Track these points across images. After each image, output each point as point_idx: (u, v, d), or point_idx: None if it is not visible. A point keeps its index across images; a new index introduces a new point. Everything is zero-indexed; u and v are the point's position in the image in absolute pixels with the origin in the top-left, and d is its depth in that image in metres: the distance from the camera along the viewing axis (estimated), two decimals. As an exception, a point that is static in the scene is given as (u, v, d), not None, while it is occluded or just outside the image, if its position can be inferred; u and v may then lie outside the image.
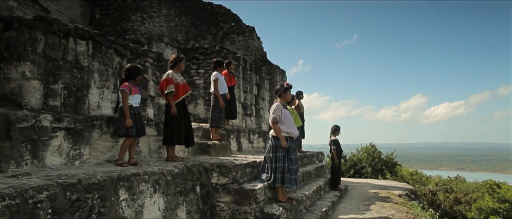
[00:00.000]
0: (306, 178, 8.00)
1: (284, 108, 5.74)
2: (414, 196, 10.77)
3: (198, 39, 14.49)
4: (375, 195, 9.29)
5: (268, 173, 5.56)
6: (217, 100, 7.53)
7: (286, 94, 5.88)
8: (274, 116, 5.59)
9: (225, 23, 15.54)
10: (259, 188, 5.08)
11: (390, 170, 22.27)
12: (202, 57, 10.00)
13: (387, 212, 6.99)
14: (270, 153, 5.62)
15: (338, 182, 9.23)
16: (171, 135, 5.49)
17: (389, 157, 23.07)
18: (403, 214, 7.03)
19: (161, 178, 4.38)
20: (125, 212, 3.76)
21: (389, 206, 7.61)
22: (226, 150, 7.66)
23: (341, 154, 9.47)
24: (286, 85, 5.95)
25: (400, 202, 8.55)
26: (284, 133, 5.62)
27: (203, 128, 7.81)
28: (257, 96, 12.02)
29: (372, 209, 7.27)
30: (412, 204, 8.94)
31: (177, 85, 5.56)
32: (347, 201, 8.35)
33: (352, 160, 22.79)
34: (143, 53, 6.51)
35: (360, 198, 8.82)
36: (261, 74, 12.45)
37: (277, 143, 5.57)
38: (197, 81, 9.97)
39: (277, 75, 14.36)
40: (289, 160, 5.60)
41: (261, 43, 16.18)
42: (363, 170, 21.79)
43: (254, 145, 10.06)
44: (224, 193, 5.13)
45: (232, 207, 5.05)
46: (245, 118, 10.98)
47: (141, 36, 12.33)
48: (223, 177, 5.17)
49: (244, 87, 10.84)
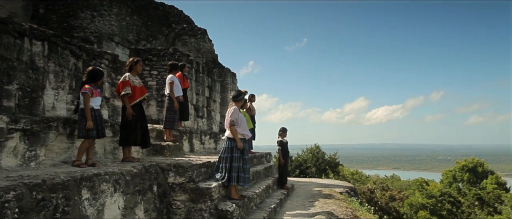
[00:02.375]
0: (256, 177, 8.47)
1: (239, 112, 6.16)
2: (353, 193, 11.70)
3: (150, 40, 14.42)
4: (318, 193, 10.01)
5: (223, 172, 5.94)
6: (172, 103, 7.74)
7: (242, 100, 6.33)
8: (231, 119, 5.98)
9: (177, 24, 15.59)
10: (214, 187, 5.43)
11: (333, 169, 23.59)
12: (155, 59, 10.09)
13: (329, 207, 7.67)
14: (226, 153, 6.00)
15: (285, 181, 9.82)
16: (127, 136, 5.64)
17: (332, 158, 24.43)
18: (343, 209, 7.76)
19: (121, 178, 4.57)
20: (88, 210, 3.92)
21: (331, 202, 8.33)
22: (179, 150, 7.89)
23: (288, 155, 10.10)
24: (243, 92, 6.43)
25: (341, 198, 9.34)
26: (239, 135, 6.03)
27: (157, 129, 7.97)
28: (209, 98, 12.30)
29: (316, 205, 7.92)
30: (351, 200, 9.79)
31: (134, 88, 5.72)
32: (294, 199, 8.96)
33: (298, 161, 23.81)
34: (99, 55, 6.56)
35: (305, 196, 9.48)
36: (212, 77, 12.74)
37: (233, 144, 5.97)
38: (149, 83, 10.04)
39: (228, 78, 14.73)
40: (243, 160, 6.02)
41: (212, 46, 16.45)
42: (308, 170, 22.88)
43: (206, 146, 10.34)
44: (180, 192, 5.41)
45: (188, 205, 5.35)
46: (197, 120, 11.22)
47: (91, 34, 12.06)
48: (179, 176, 5.44)
49: (196, 89, 11.08)
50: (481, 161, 39.66)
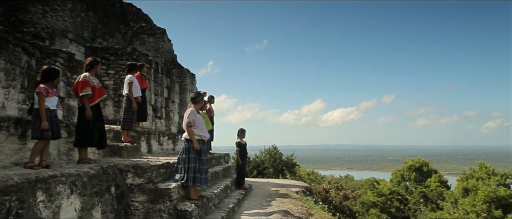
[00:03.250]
0: (215, 177, 8.57)
1: (197, 113, 6.25)
2: (309, 192, 12.13)
3: (106, 38, 14.02)
4: (275, 193, 10.30)
5: (182, 173, 6.00)
6: (130, 103, 7.65)
7: (200, 102, 6.42)
8: (188, 120, 6.06)
9: (135, 23, 15.28)
10: (173, 187, 5.48)
11: (290, 170, 24.14)
12: (113, 58, 9.88)
13: (285, 206, 7.95)
14: (183, 154, 6.06)
15: (243, 181, 10.01)
16: (84, 137, 5.54)
17: (289, 158, 25.00)
18: (299, 207, 8.08)
19: (78, 179, 4.51)
20: (43, 213, 3.85)
21: (287, 201, 8.63)
22: (137, 151, 7.81)
23: (246, 156, 10.30)
24: (202, 93, 6.52)
25: (297, 198, 9.68)
26: (197, 136, 6.12)
27: (114, 130, 7.84)
28: (168, 99, 12.21)
29: (272, 204, 8.18)
30: (307, 199, 10.17)
31: (93, 88, 5.64)
32: (251, 198, 9.16)
33: (256, 161, 24.12)
34: (54, 53, 6.36)
35: (263, 196, 9.72)
36: (172, 78, 12.66)
37: (190, 145, 6.05)
38: (106, 82, 9.81)
39: (187, 79, 14.67)
40: (201, 161, 6.12)
41: (171, 46, 16.30)
42: (266, 170, 23.25)
43: (164, 147, 10.27)
44: (139, 193, 5.41)
45: (146, 206, 5.36)
46: (155, 120, 11.11)
47: (42, 30, 11.53)
48: (138, 177, 5.44)
49: (155, 90, 10.97)
50: (427, 161, 42.30)
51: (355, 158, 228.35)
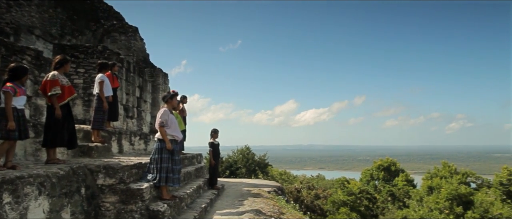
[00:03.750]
0: (187, 178, 8.57)
1: (170, 114, 6.25)
2: (280, 192, 12.31)
3: (76, 35, 13.65)
4: (248, 192, 10.40)
5: (154, 173, 5.98)
6: (101, 103, 7.53)
7: (173, 101, 6.42)
8: (161, 120, 6.05)
9: (106, 20, 14.95)
10: (145, 187, 5.46)
11: (262, 170, 24.34)
12: (83, 56, 9.66)
13: (257, 205, 8.07)
14: (156, 154, 6.05)
15: (215, 181, 10.04)
16: (53, 137, 5.42)
17: (261, 159, 25.19)
18: (271, 207, 8.21)
19: (46, 180, 4.42)
20: (9, 215, 3.76)
21: (260, 201, 8.74)
22: (108, 152, 7.70)
23: (219, 156, 10.35)
24: (172, 92, 6.49)
25: (269, 197, 9.81)
26: (169, 136, 6.12)
27: (84, 130, 7.69)
28: (140, 98, 12.05)
29: (245, 204, 8.27)
30: (278, 198, 10.34)
31: (63, 87, 5.52)
32: (224, 198, 9.22)
33: (228, 162, 24.15)
34: (20, 50, 6.18)
35: (235, 195, 9.79)
36: (144, 77, 12.50)
37: (162, 145, 6.04)
38: (76, 81, 9.58)
39: (159, 78, 14.51)
40: (173, 161, 6.13)
41: (144, 44, 16.06)
42: (238, 170, 23.34)
43: (135, 147, 10.15)
44: (110, 193, 5.35)
45: (118, 206, 5.31)
46: (127, 120, 10.94)
47: (6, 25, 11.08)
48: (109, 178, 5.38)
49: (126, 89, 10.80)
50: (394, 161, 43.72)
51: (327, 158, 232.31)
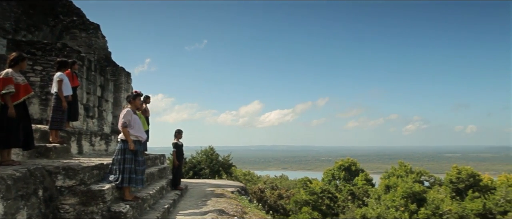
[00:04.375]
0: (150, 179, 8.49)
1: (134, 114, 6.20)
2: (244, 192, 12.46)
3: (32, 30, 13.05)
4: (211, 193, 10.45)
5: (116, 174, 5.91)
6: (60, 102, 7.31)
7: (136, 101, 6.38)
8: (124, 121, 5.99)
9: (66, 16, 14.40)
10: (107, 189, 5.40)
11: (226, 170, 24.39)
12: (40, 53, 9.29)
13: (221, 205, 8.15)
14: (118, 155, 5.98)
15: (178, 182, 10.01)
16: (7, 137, 5.22)
17: (225, 159, 25.23)
18: (234, 206, 8.33)
19: (0, 182, 4.28)
20: (-39, 218, 3.63)
21: (223, 201, 8.84)
22: (67, 153, 7.49)
23: (182, 157, 10.33)
24: (135, 93, 6.45)
25: (232, 197, 9.92)
26: (133, 137, 6.07)
27: (41, 130, 7.42)
28: (101, 98, 11.75)
29: (208, 204, 8.33)
30: (242, 198, 10.48)
31: (18, 86, 5.33)
32: (187, 199, 9.22)
33: (192, 162, 23.99)
34: (-27, 47, 5.88)
35: (198, 196, 9.82)
36: (105, 76, 12.20)
37: (125, 145, 5.99)
38: (32, 79, 9.20)
39: (122, 77, 14.20)
40: (137, 161, 6.09)
41: (106, 42, 15.64)
42: (202, 171, 23.24)
43: (96, 148, 9.90)
44: (69, 195, 5.24)
45: (78, 208, 5.21)
46: (87, 120, 10.65)
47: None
48: (69, 179, 5.26)
49: (87, 88, 10.51)
50: (355, 161, 45.27)
51: (290, 158, 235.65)
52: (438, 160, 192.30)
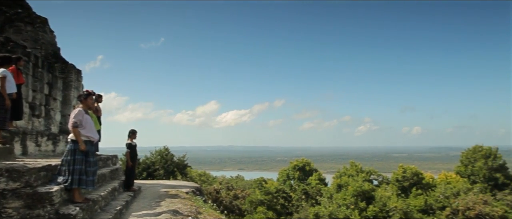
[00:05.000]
0: (102, 180, 8.26)
1: (85, 114, 6.03)
2: (199, 192, 12.44)
3: (-30, 22, 12.14)
4: (165, 193, 10.35)
5: (66, 175, 5.71)
6: (3, 100, 6.90)
7: (88, 101, 6.20)
8: (74, 121, 5.81)
9: (9, 8, 13.50)
10: (55, 191, 5.21)
11: (181, 171, 24.09)
12: (-19, 47, 8.69)
13: (175, 206, 8.12)
14: (68, 156, 5.78)
15: (131, 183, 9.81)
16: None
17: (181, 160, 24.92)
18: (188, 207, 8.33)
19: None
20: None
21: (177, 201, 8.80)
22: (10, 154, 7.07)
23: (136, 157, 10.14)
24: (87, 92, 6.28)
25: (186, 198, 9.90)
26: (84, 137, 5.90)
27: (-19, 129, 6.96)
28: (48, 96, 11.20)
29: (162, 205, 8.27)
30: (196, 198, 10.47)
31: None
32: (140, 200, 9.07)
33: (146, 163, 23.45)
34: None
35: (152, 197, 9.69)
36: (54, 73, 11.65)
37: (76, 146, 5.81)
38: (-29, 75, 8.56)
39: (72, 75, 13.58)
40: (88, 162, 5.92)
41: (54, 37, 14.88)
42: (156, 172, 22.79)
43: (42, 148, 9.44)
44: (13, 198, 4.99)
45: (22, 212, 4.98)
46: (33, 119, 10.12)
47: None
48: (13, 181, 5.02)
49: (33, 86, 9.99)
50: (309, 161, 46.51)
51: (247, 159, 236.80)
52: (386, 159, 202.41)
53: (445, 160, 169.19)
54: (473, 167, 38.61)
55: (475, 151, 39.78)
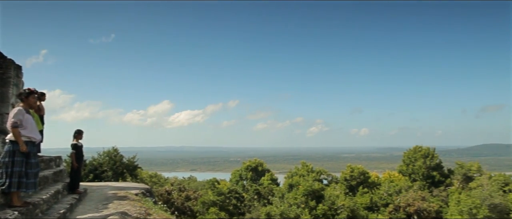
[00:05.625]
0: (44, 182, 7.85)
1: (26, 113, 5.73)
2: (149, 194, 12.18)
3: None
4: (113, 195, 10.04)
5: (3, 178, 5.38)
6: None
7: (29, 100, 5.90)
8: (14, 120, 5.50)
9: None
10: (-10, 194, 4.91)
11: (131, 173, 23.40)
12: None
13: (123, 208, 7.92)
14: (6, 157, 5.46)
15: (77, 185, 9.41)
16: None
17: (130, 161, 24.21)
18: (137, 208, 8.16)
19: None
20: None
21: (126, 203, 8.58)
22: None
23: (82, 158, 9.74)
24: (29, 90, 5.97)
25: (136, 199, 9.67)
26: (25, 138, 5.60)
27: None
28: (-16, 93, 10.41)
29: (109, 207, 8.03)
30: (146, 200, 10.27)
31: None
32: (86, 203, 8.73)
33: (93, 164, 22.50)
34: None
35: (99, 199, 9.36)
36: (-10, 68, 10.83)
37: (16, 147, 5.50)
38: None
39: (11, 71, 12.70)
40: (29, 164, 5.62)
41: (-9, 30, 13.86)
42: (104, 173, 21.96)
43: (-24, 149, 8.77)
44: None
45: (-47, 217, 4.65)
46: (-35, 117, 9.35)
47: None
48: None
49: (-34, 81, 9.24)
50: (262, 161, 47.15)
51: (199, 160, 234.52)
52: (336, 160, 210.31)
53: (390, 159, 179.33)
54: (413, 166, 41.37)
55: (415, 151, 42.63)
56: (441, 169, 41.76)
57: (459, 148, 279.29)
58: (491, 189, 32.87)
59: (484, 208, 29.82)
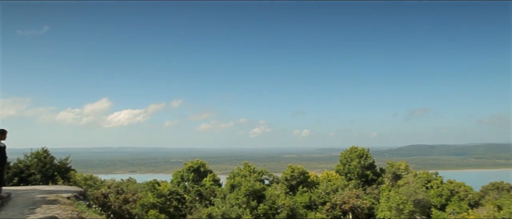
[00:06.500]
0: (-41, 187, 7.14)
1: None
2: (82, 197, 11.55)
3: None
4: (42, 199, 9.39)
5: None
6: None
7: None
8: None
9: None
10: None
11: (62, 175, 21.97)
12: None
13: (53, 212, 7.45)
14: None
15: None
16: None
17: (62, 163, 22.73)
18: (69, 212, 7.72)
19: None
20: None
21: (56, 208, 8.08)
22: None
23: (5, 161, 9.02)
24: None
25: (67, 203, 9.14)
26: None
27: None
28: None
29: (37, 212, 7.51)
30: (79, 203, 9.74)
31: None
32: (10, 208, 8.09)
33: (18, 167, 20.79)
34: None
35: (25, 204, 8.71)
36: None
37: None
38: None
39: None
40: None
41: None
42: (31, 177, 20.40)
43: None
44: None
45: None
46: None
47: None
48: None
49: None
50: (204, 162, 46.76)
51: (139, 161, 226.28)
52: (278, 160, 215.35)
53: (329, 160, 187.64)
54: (349, 165, 43.74)
55: (351, 151, 45.10)
56: (374, 168, 44.69)
57: (391, 149, 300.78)
58: (416, 185, 35.88)
59: (410, 204, 32.45)
